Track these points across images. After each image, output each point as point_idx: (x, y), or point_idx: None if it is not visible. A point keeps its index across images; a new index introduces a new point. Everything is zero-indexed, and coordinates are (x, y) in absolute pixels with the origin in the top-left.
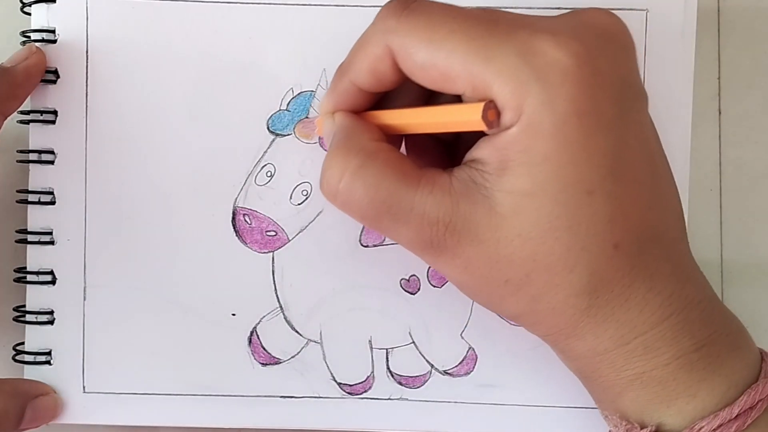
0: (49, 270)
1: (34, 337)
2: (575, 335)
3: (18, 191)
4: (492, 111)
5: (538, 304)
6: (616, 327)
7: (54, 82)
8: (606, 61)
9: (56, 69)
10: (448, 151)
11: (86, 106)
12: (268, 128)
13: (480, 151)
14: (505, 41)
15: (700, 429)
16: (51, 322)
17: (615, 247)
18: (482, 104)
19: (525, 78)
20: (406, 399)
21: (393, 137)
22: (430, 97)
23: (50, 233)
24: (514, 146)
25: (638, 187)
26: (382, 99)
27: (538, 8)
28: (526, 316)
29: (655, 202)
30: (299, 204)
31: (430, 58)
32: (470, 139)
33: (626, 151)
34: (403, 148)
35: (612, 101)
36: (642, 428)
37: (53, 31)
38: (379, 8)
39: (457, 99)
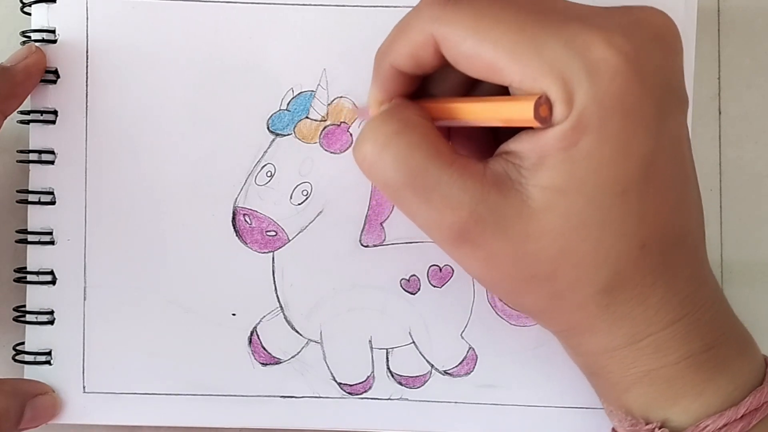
0: (49, 270)
1: (34, 337)
2: (590, 331)
3: (18, 191)
4: (544, 107)
5: (560, 300)
6: (631, 325)
7: (54, 82)
8: (654, 62)
9: (56, 69)
10: (493, 142)
11: (86, 106)
12: (268, 128)
13: (519, 144)
14: (555, 33)
15: (705, 427)
16: (51, 322)
17: (641, 247)
18: (533, 100)
19: (576, 72)
20: (406, 399)
21: (440, 127)
22: (474, 82)
23: (50, 233)
24: (558, 142)
25: (668, 190)
26: (425, 81)
27: None
28: (545, 312)
29: (681, 206)
30: (299, 204)
31: (475, 47)
32: (512, 127)
33: (661, 153)
34: None
35: (655, 103)
36: (647, 425)
37: (53, 31)
38: (379, 8)
39: (502, 87)
